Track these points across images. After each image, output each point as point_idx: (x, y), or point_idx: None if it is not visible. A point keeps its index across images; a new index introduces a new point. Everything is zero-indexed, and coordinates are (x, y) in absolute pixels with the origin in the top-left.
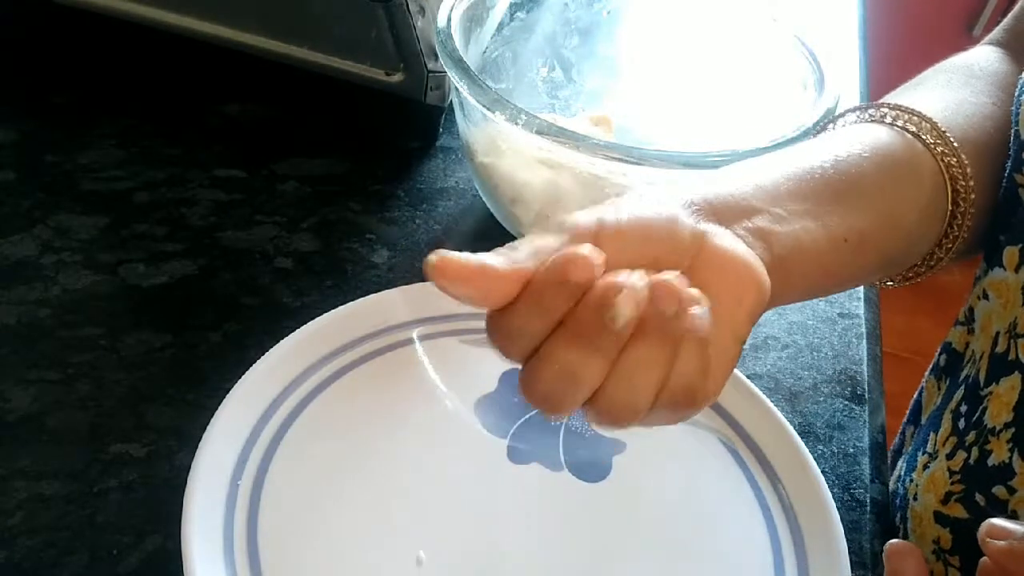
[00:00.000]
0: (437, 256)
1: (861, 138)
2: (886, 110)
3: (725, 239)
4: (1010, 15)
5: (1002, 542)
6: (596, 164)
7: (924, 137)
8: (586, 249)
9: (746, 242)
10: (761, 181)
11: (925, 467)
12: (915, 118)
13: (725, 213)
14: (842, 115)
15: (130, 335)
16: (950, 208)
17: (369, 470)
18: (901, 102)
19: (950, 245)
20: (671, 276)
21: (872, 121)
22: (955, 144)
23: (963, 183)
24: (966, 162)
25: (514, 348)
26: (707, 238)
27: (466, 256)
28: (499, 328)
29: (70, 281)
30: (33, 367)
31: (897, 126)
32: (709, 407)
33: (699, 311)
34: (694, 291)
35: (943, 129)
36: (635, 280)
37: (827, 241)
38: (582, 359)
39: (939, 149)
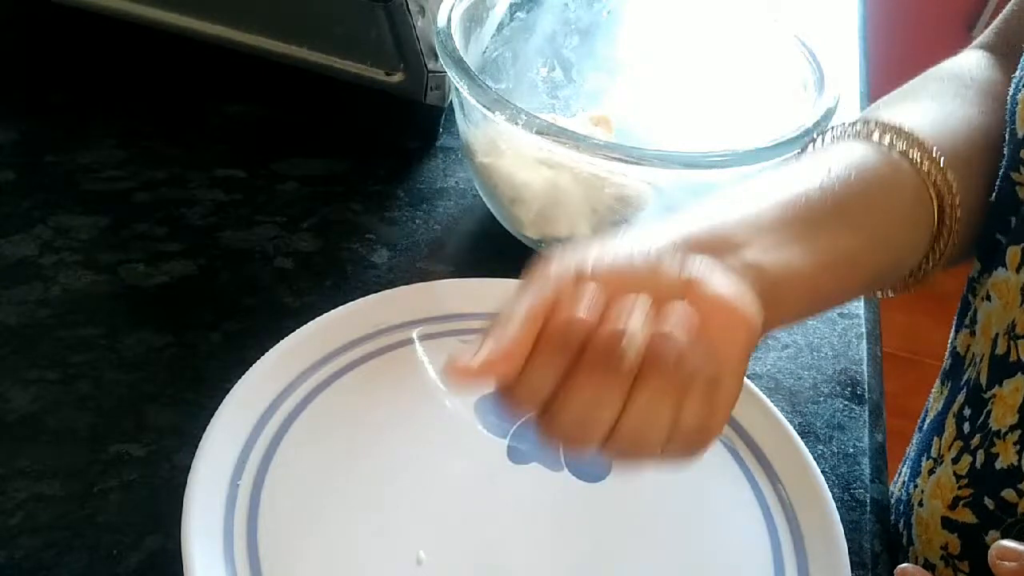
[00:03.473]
0: (448, 369)
1: (846, 159)
2: (873, 126)
3: (713, 278)
4: (999, 18)
5: (1013, 563)
6: (596, 164)
7: (911, 155)
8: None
9: (736, 275)
10: (746, 214)
11: (930, 472)
12: (901, 135)
13: (712, 248)
14: (829, 130)
15: (130, 335)
16: (936, 224)
17: (369, 470)
18: (890, 115)
19: (937, 257)
20: (672, 318)
21: (858, 138)
22: (941, 161)
23: (949, 199)
24: (951, 179)
25: (529, 403)
26: (693, 284)
27: (470, 358)
28: (512, 391)
29: (70, 281)
30: (33, 367)
31: (883, 144)
32: None
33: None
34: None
35: (929, 146)
36: (635, 323)
37: (816, 265)
38: (596, 400)
39: (925, 167)
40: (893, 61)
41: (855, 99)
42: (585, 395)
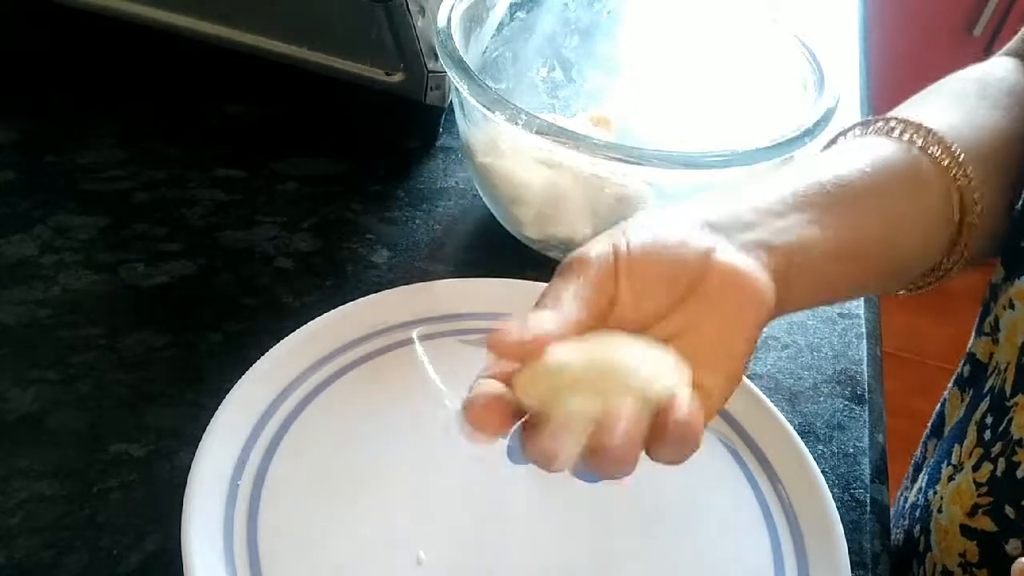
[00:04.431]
0: (495, 341)
1: (863, 151)
2: (893, 123)
3: (728, 253)
4: None
5: None
6: (596, 164)
7: (930, 150)
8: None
9: (747, 254)
10: (758, 201)
11: (950, 479)
12: (921, 131)
13: (726, 229)
14: (850, 128)
15: (130, 335)
16: (957, 219)
17: (369, 470)
18: (910, 114)
19: (957, 257)
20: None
21: (878, 134)
22: (961, 157)
23: (969, 195)
24: (971, 174)
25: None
26: (712, 255)
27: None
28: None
29: (70, 281)
30: (33, 367)
31: (904, 139)
32: None
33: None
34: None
35: (949, 142)
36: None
37: (827, 251)
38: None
39: (945, 162)
40: (893, 61)
41: (855, 99)
42: (540, 445)
